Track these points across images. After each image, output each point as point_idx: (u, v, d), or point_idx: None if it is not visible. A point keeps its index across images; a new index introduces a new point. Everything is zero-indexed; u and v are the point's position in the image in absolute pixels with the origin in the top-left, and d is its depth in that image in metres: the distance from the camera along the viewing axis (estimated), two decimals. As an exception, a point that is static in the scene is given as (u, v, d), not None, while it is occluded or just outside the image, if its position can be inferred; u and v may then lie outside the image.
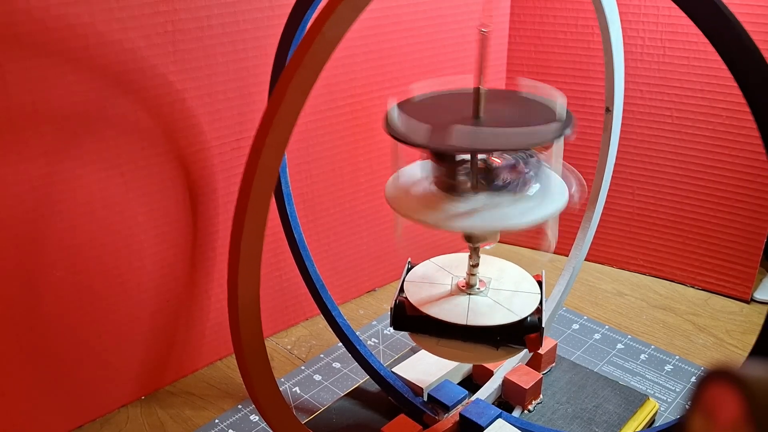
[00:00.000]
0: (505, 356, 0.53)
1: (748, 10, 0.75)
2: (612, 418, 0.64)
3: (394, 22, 0.77)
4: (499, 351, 0.52)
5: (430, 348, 0.54)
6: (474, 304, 0.52)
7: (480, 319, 0.51)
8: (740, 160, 0.81)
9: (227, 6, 0.64)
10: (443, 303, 0.53)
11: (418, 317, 0.52)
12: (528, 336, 0.51)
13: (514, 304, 0.52)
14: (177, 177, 0.67)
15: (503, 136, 0.44)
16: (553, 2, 0.86)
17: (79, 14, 0.56)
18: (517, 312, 0.51)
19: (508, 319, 0.51)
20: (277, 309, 0.81)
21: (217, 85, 0.66)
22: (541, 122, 0.45)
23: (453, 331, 0.52)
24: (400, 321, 0.53)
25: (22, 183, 0.57)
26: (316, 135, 0.76)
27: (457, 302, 0.53)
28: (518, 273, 0.57)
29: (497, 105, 0.49)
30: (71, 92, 0.57)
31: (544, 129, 0.44)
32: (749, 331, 0.80)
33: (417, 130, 0.44)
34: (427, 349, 0.54)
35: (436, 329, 0.52)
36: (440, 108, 0.49)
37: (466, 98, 0.49)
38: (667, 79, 0.82)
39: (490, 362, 0.59)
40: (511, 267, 0.58)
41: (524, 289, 0.54)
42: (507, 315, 0.51)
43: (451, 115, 0.47)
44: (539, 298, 0.53)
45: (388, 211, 0.86)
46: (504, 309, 0.52)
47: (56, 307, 0.62)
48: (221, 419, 0.68)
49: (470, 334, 0.52)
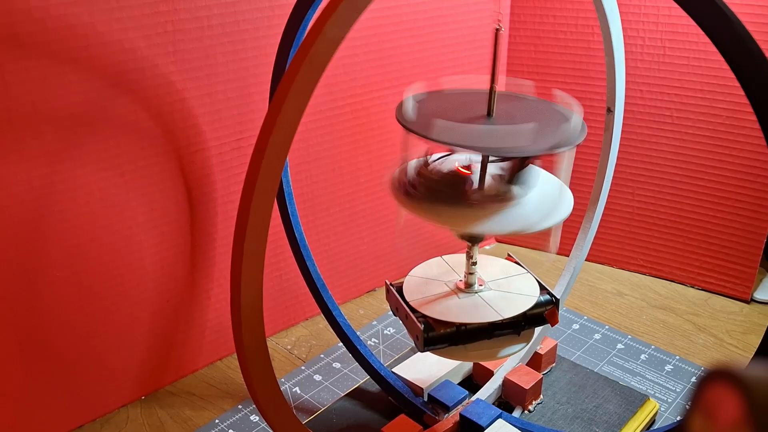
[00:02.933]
0: (527, 338, 0.54)
1: (748, 10, 0.75)
2: (612, 418, 0.64)
3: (394, 23, 0.77)
4: (522, 335, 0.53)
5: (461, 356, 0.52)
6: (490, 300, 0.53)
7: (506, 311, 0.51)
8: (740, 160, 0.81)
9: (227, 6, 0.64)
10: (462, 308, 0.52)
11: (449, 332, 0.51)
12: (547, 312, 0.52)
13: (521, 289, 0.53)
14: (177, 177, 0.67)
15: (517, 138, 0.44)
16: (553, 2, 0.86)
17: (79, 14, 0.56)
18: (530, 294, 0.53)
19: (529, 304, 0.52)
20: (277, 309, 0.81)
21: (217, 85, 0.66)
22: (555, 131, 0.45)
23: (482, 332, 0.51)
24: (432, 340, 0.51)
25: (22, 183, 0.57)
26: (316, 135, 0.76)
27: (473, 303, 0.52)
28: (491, 261, 0.57)
29: (512, 107, 0.49)
30: (71, 92, 0.57)
31: (558, 136, 0.44)
32: (749, 331, 0.80)
33: (433, 124, 0.44)
34: (455, 357, 0.53)
35: (466, 336, 0.51)
36: (454, 105, 0.49)
37: (480, 97, 0.49)
38: (667, 79, 0.82)
39: (516, 350, 0.57)
40: (481, 258, 0.57)
41: (512, 273, 0.56)
42: (526, 300, 0.52)
43: (464, 113, 0.47)
44: (532, 275, 0.55)
45: (388, 211, 0.86)
46: (517, 296, 0.53)
47: (56, 307, 0.62)
48: (221, 419, 0.68)
49: (499, 329, 0.52)
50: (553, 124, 0.46)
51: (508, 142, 0.44)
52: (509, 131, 0.45)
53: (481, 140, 0.44)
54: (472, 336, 0.51)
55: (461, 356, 0.52)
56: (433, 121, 0.44)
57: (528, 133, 0.44)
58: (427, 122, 0.44)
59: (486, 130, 0.45)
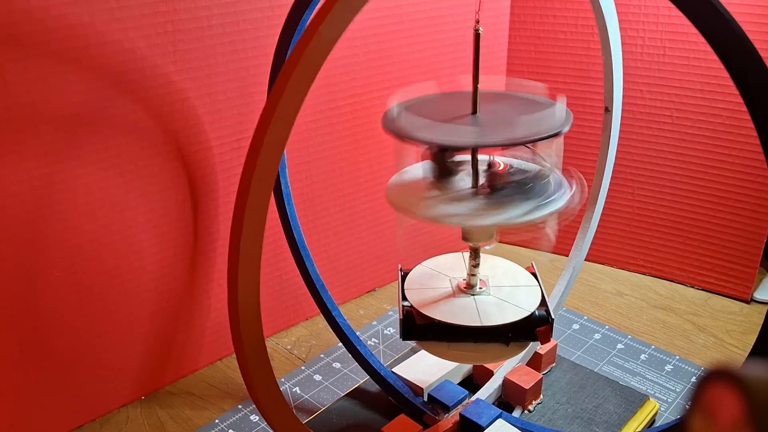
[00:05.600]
0: (517, 351, 0.53)
1: (746, 11, 0.75)
2: (612, 418, 0.64)
3: (394, 23, 0.77)
4: (510, 347, 0.52)
5: (442, 353, 0.53)
6: (481, 304, 0.52)
7: (491, 318, 0.51)
8: (740, 160, 0.81)
9: (227, 6, 0.64)
10: (450, 307, 0.52)
11: (428, 325, 0.52)
12: (539, 329, 0.51)
13: (520, 300, 0.52)
14: (177, 177, 0.67)
15: (503, 131, 0.44)
16: (553, 2, 0.86)
17: (79, 14, 0.56)
18: (525, 307, 0.52)
19: (518, 316, 0.51)
20: (277, 309, 0.81)
21: (217, 85, 0.66)
22: (538, 119, 0.45)
23: (465, 334, 0.51)
24: (411, 331, 0.52)
25: (22, 183, 0.57)
26: (316, 135, 0.76)
27: (463, 304, 0.52)
28: (511, 267, 0.57)
29: (495, 104, 0.49)
30: (71, 92, 0.57)
31: (544, 124, 0.44)
32: (749, 331, 0.80)
33: (418, 126, 0.44)
34: (438, 354, 0.53)
35: (447, 334, 0.52)
36: (438, 108, 0.49)
37: (463, 98, 0.49)
38: (667, 79, 0.82)
39: (503, 360, 0.58)
40: (503, 262, 0.57)
41: (523, 283, 0.55)
42: (517, 311, 0.51)
43: (449, 114, 0.47)
44: (540, 290, 0.53)
45: (388, 211, 0.86)
46: (512, 306, 0.52)
47: (56, 307, 0.62)
48: (221, 419, 0.68)
49: (482, 335, 0.51)
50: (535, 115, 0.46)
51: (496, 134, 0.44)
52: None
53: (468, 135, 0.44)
54: (452, 335, 0.52)
55: (443, 354, 0.53)
56: (418, 122, 0.44)
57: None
58: (413, 124, 0.44)
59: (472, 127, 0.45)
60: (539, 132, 0.43)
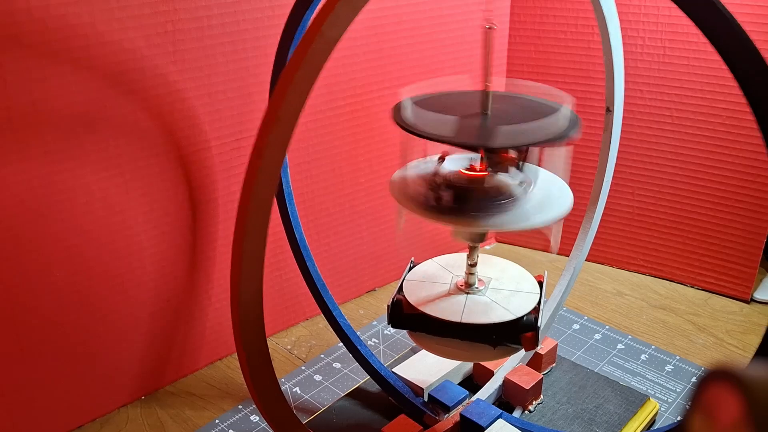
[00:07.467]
0: (503, 355, 0.53)
1: (747, 10, 0.75)
2: (612, 418, 0.64)
3: (394, 22, 0.77)
4: (497, 350, 0.52)
5: (429, 347, 0.54)
6: (471, 302, 0.52)
7: (475, 317, 0.51)
8: (740, 160, 0.81)
9: (227, 6, 0.64)
10: (440, 302, 0.53)
11: (414, 315, 0.52)
12: (524, 335, 0.51)
13: (512, 304, 0.52)
14: (177, 177, 0.67)
15: (513, 133, 0.44)
16: (553, 2, 0.86)
17: (79, 14, 0.56)
18: (514, 311, 0.51)
19: (503, 318, 0.51)
20: (277, 309, 0.81)
21: (217, 85, 0.66)
22: (548, 123, 0.45)
23: (449, 330, 0.52)
24: (397, 319, 0.54)
25: (22, 183, 0.57)
26: (316, 135, 0.76)
27: (454, 301, 0.53)
28: (520, 273, 0.57)
29: (504, 106, 0.49)
30: (71, 92, 0.57)
31: (552, 129, 0.44)
32: (749, 331, 0.80)
33: (433, 122, 0.44)
34: (426, 348, 0.54)
35: (432, 327, 0.52)
36: (448, 105, 0.49)
37: (472, 97, 0.49)
38: (667, 79, 0.82)
39: (488, 361, 0.59)
40: (513, 267, 0.58)
41: (524, 289, 0.54)
42: (503, 314, 0.51)
43: (459, 113, 0.47)
44: (538, 298, 0.53)
45: (388, 210, 0.86)
46: (501, 308, 0.52)
47: (56, 307, 0.62)
48: (221, 419, 0.68)
49: (467, 333, 0.52)
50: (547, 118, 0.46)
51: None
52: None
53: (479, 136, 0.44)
54: (437, 329, 0.52)
55: (431, 348, 0.53)
56: (436, 118, 0.44)
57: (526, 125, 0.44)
58: (427, 121, 0.44)
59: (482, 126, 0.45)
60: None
